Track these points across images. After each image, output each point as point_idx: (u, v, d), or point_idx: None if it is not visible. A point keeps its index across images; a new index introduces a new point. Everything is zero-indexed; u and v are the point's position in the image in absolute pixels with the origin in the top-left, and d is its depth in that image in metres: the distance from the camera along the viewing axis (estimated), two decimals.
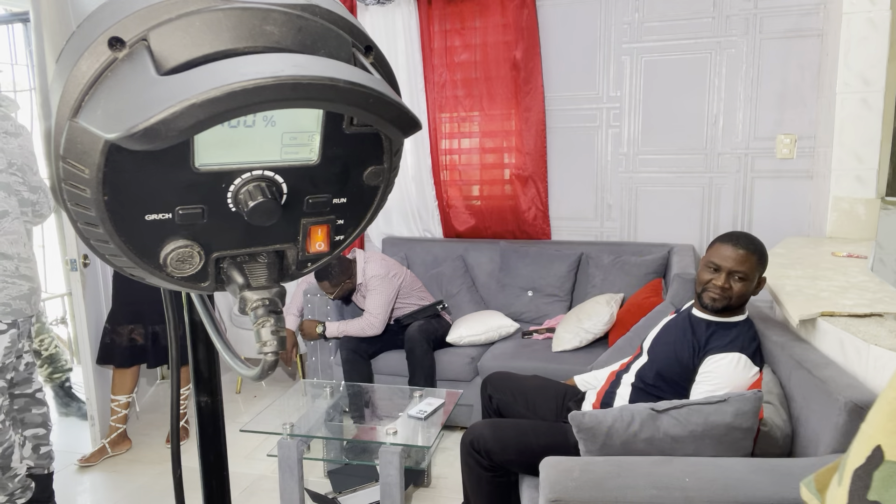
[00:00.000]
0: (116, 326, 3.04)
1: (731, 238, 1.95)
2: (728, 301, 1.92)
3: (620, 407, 1.71)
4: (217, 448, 0.76)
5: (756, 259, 1.91)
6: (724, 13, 3.37)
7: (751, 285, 1.92)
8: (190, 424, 3.25)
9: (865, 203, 2.89)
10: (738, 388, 1.84)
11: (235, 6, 0.44)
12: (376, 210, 0.56)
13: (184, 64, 0.42)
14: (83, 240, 0.47)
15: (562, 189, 3.80)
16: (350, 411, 2.79)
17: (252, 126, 0.46)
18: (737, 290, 1.90)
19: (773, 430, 1.69)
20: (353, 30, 0.49)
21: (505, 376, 2.40)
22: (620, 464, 1.53)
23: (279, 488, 2.33)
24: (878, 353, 1.55)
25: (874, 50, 2.79)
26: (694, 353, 1.94)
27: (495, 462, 1.97)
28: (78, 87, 0.42)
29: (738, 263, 1.90)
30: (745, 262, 1.89)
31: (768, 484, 1.41)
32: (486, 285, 3.76)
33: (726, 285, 1.91)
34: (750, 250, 1.91)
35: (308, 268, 0.57)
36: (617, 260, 3.44)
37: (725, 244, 1.94)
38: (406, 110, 0.46)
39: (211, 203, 0.48)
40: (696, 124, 3.51)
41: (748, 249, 1.90)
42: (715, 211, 3.54)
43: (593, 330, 3.10)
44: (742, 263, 1.90)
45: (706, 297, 1.95)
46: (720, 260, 1.92)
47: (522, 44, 3.63)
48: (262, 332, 0.51)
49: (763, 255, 1.93)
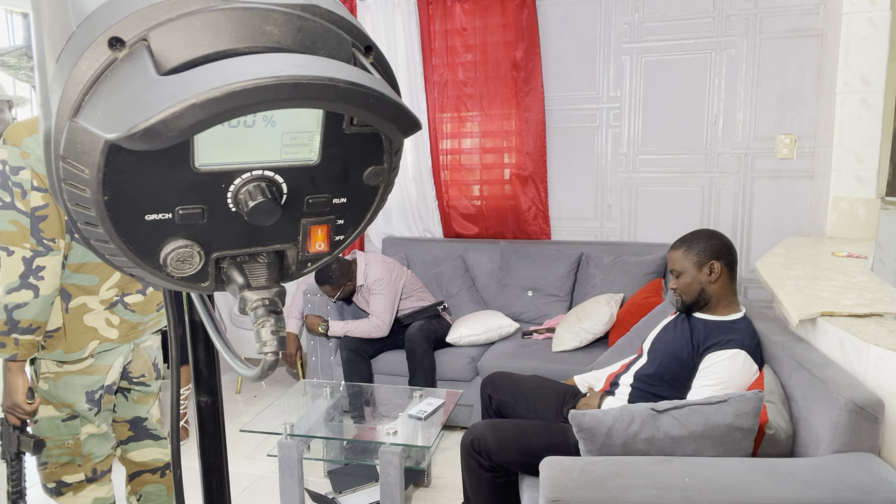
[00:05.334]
0: None
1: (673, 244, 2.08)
2: (684, 298, 2.01)
3: (620, 407, 1.71)
4: (217, 448, 0.76)
5: (682, 252, 2.00)
6: (724, 13, 3.37)
7: (693, 277, 1.98)
8: (190, 424, 3.25)
9: (865, 203, 2.89)
10: (738, 386, 1.85)
11: (235, 6, 0.44)
12: (376, 210, 0.56)
13: (184, 64, 0.42)
14: (83, 240, 0.47)
15: (562, 189, 3.80)
16: (350, 411, 2.79)
17: (252, 126, 0.46)
18: (680, 287, 2.01)
19: (777, 433, 1.69)
20: (353, 30, 0.49)
21: (505, 376, 2.40)
22: (620, 464, 1.53)
23: (279, 488, 2.33)
24: (878, 353, 1.55)
25: (874, 50, 2.79)
26: (694, 351, 1.94)
27: (495, 462, 1.97)
28: (78, 87, 0.42)
29: (671, 263, 2.05)
30: (673, 261, 2.03)
31: (768, 484, 1.41)
32: (486, 285, 3.76)
33: (674, 286, 2.03)
34: (675, 247, 2.03)
35: (308, 268, 0.57)
36: (617, 260, 3.44)
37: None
38: (406, 110, 0.46)
39: (211, 203, 0.48)
40: (696, 124, 3.51)
41: (674, 247, 2.03)
42: (715, 211, 3.54)
43: (593, 330, 3.10)
44: (673, 262, 2.03)
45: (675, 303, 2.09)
46: (668, 266, 2.07)
47: (522, 44, 3.63)
48: (262, 332, 0.51)
49: (691, 244, 2.00)
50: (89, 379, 1.80)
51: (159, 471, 2.04)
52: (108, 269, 1.77)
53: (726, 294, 2.00)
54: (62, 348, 1.75)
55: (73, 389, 1.78)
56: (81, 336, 1.75)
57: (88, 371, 1.79)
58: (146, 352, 1.98)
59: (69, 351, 1.75)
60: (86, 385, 1.79)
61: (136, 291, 1.86)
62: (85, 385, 1.79)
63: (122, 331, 1.82)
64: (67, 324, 1.74)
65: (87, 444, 1.83)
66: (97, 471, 1.86)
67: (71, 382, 1.77)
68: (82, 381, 1.79)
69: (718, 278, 1.97)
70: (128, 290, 1.83)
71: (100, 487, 1.87)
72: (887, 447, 1.53)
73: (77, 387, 1.78)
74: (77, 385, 1.78)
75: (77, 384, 1.78)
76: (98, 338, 1.78)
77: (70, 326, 1.74)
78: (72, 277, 1.73)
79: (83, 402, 1.79)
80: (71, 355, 1.75)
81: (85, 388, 1.79)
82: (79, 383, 1.78)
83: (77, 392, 1.78)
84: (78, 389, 1.78)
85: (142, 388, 1.99)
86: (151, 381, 2.00)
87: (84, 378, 1.79)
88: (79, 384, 1.78)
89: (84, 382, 1.79)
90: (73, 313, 1.75)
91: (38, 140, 1.54)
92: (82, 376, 1.79)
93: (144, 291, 1.88)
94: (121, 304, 1.82)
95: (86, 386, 1.79)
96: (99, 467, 1.87)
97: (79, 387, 1.78)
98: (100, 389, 1.82)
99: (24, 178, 1.61)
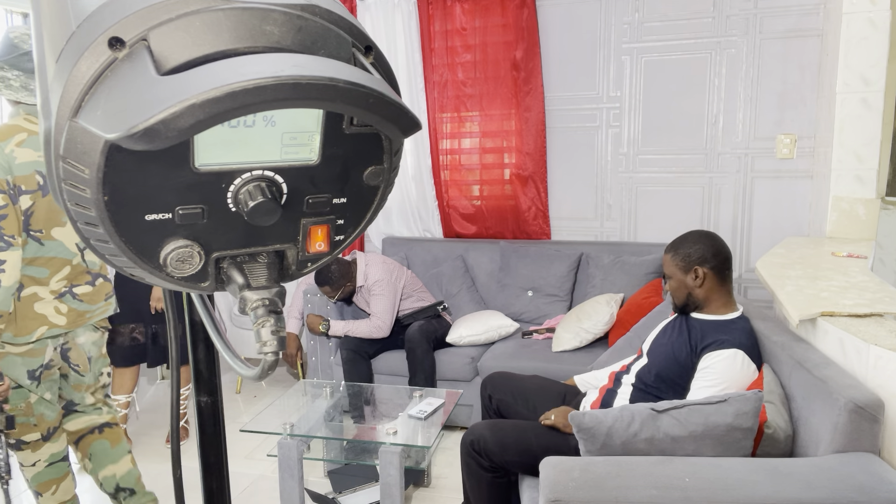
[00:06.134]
0: (117, 326, 3.04)
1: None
2: (675, 301, 2.07)
3: (620, 407, 1.71)
4: (217, 448, 0.76)
5: (670, 257, 2.05)
6: (724, 13, 3.37)
7: (680, 281, 2.03)
8: (190, 424, 3.25)
9: (865, 203, 2.89)
10: (737, 385, 1.85)
11: (235, 6, 0.44)
12: (376, 210, 0.56)
13: (184, 64, 0.42)
14: (83, 240, 0.47)
15: (562, 189, 3.80)
16: (350, 411, 2.79)
17: (252, 126, 0.46)
18: (670, 290, 2.07)
19: (776, 433, 1.69)
20: (353, 30, 0.49)
21: (505, 376, 2.40)
22: (620, 464, 1.53)
23: (279, 488, 2.33)
24: (878, 353, 1.55)
25: (874, 50, 2.79)
26: (691, 351, 1.94)
27: (495, 462, 1.97)
28: (78, 87, 0.42)
29: (663, 267, 2.11)
30: (664, 264, 2.09)
31: (768, 484, 1.41)
32: (486, 285, 3.76)
33: (667, 288, 2.09)
34: (666, 251, 2.08)
35: (308, 268, 0.57)
36: (617, 260, 3.44)
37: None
38: (406, 110, 0.46)
39: (211, 203, 0.48)
40: (696, 124, 3.51)
41: (665, 251, 2.09)
42: (715, 211, 3.54)
43: (593, 330, 3.10)
44: (664, 266, 2.10)
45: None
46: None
47: (522, 44, 3.63)
48: (262, 332, 0.51)
49: (678, 249, 2.04)
50: (31, 360, 2.04)
51: (96, 429, 2.28)
52: (59, 263, 2.03)
53: (717, 296, 2.00)
54: (11, 331, 1.98)
55: (15, 367, 2.01)
56: (31, 322, 1.99)
57: (30, 354, 2.03)
58: (80, 347, 2.18)
59: (18, 335, 1.98)
60: (27, 364, 2.03)
61: (85, 283, 2.10)
62: (26, 364, 2.03)
63: (69, 318, 2.06)
64: (18, 310, 1.97)
65: (38, 407, 2.09)
66: (50, 429, 2.14)
67: (14, 362, 2.01)
68: (24, 361, 2.03)
69: (703, 283, 1.99)
70: (77, 282, 2.07)
71: (53, 444, 2.15)
72: (887, 447, 1.53)
73: (19, 365, 2.02)
74: (19, 364, 2.02)
75: (19, 363, 2.02)
76: (47, 324, 2.01)
77: (21, 313, 1.98)
78: (25, 269, 1.96)
79: (25, 378, 2.04)
80: (19, 339, 1.99)
81: (26, 366, 2.03)
82: (20, 363, 2.02)
83: (19, 369, 2.02)
84: (20, 367, 2.02)
85: (76, 377, 2.21)
86: (86, 372, 2.22)
87: (26, 359, 2.03)
88: (20, 363, 2.02)
89: (26, 362, 2.03)
90: (25, 301, 1.98)
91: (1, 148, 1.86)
92: (24, 357, 2.02)
93: (93, 283, 2.12)
94: (69, 294, 2.06)
95: (27, 365, 2.03)
96: (51, 426, 2.15)
97: (20, 365, 2.02)
98: (39, 367, 2.06)
99: None
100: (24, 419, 2.08)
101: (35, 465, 2.13)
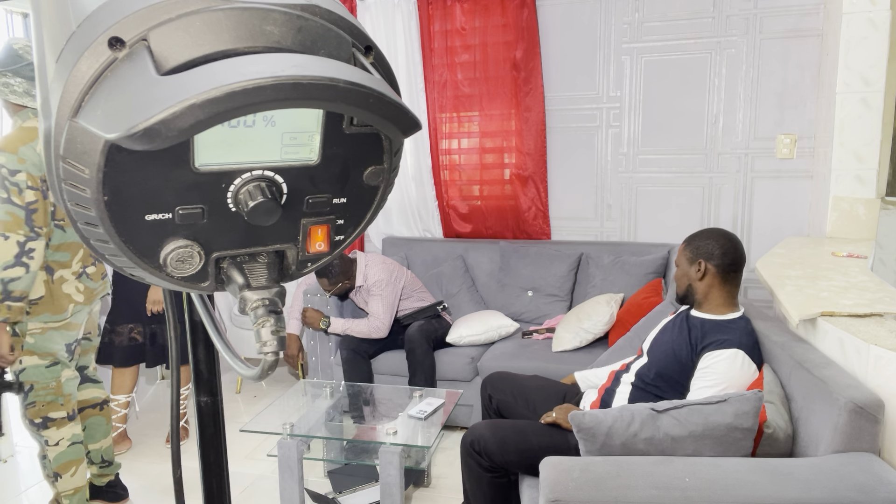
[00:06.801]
0: (116, 326, 3.04)
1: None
2: (676, 290, 2.10)
3: (620, 407, 1.71)
4: (217, 448, 0.76)
5: (683, 245, 2.10)
6: (724, 13, 3.37)
7: (684, 271, 2.07)
8: (190, 424, 3.25)
9: (865, 203, 2.89)
10: (738, 386, 1.85)
11: (235, 6, 0.44)
12: (376, 210, 0.56)
13: (184, 64, 0.42)
14: (83, 240, 0.47)
15: (562, 189, 3.80)
16: (350, 411, 2.79)
17: (252, 126, 0.46)
18: (675, 278, 2.13)
19: (776, 433, 1.69)
20: (353, 30, 0.49)
21: (505, 376, 2.40)
22: (620, 464, 1.53)
23: (279, 488, 2.33)
24: (878, 353, 1.55)
25: (874, 50, 2.79)
26: (692, 350, 1.94)
27: (495, 462, 1.97)
28: (78, 87, 0.42)
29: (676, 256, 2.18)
30: (677, 252, 2.12)
31: (768, 484, 1.41)
32: (486, 285, 3.76)
33: (674, 277, 2.13)
34: (684, 240, 2.11)
35: (308, 268, 0.57)
36: (617, 260, 3.44)
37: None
38: (406, 110, 0.46)
39: (211, 203, 0.48)
40: (696, 124, 3.51)
41: (682, 241, 2.13)
42: (715, 211, 3.55)
43: (593, 330, 3.10)
44: (677, 254, 2.13)
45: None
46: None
47: (522, 44, 3.63)
48: (262, 332, 0.51)
49: (692, 240, 2.07)
50: (68, 333, 2.31)
51: (98, 405, 2.57)
52: (77, 245, 2.30)
53: (717, 294, 2.00)
54: (49, 311, 2.24)
55: (55, 342, 2.28)
56: (63, 301, 2.27)
57: (67, 327, 2.30)
58: (95, 314, 2.52)
59: (56, 313, 2.25)
60: (65, 338, 2.30)
61: (93, 263, 2.38)
62: (64, 338, 2.30)
63: (86, 295, 2.35)
64: (53, 292, 2.24)
65: (67, 386, 2.33)
66: (75, 409, 2.38)
67: (53, 337, 2.27)
68: (62, 335, 2.29)
69: (703, 277, 2.00)
70: (87, 262, 2.35)
71: (75, 426, 2.37)
72: (887, 447, 1.53)
73: (58, 339, 2.28)
74: (58, 338, 2.28)
75: (58, 338, 2.28)
76: (73, 301, 2.29)
77: (56, 294, 2.25)
78: (53, 255, 2.22)
79: (63, 351, 2.31)
80: (57, 317, 2.25)
81: (64, 340, 2.30)
82: (59, 337, 2.29)
83: (58, 343, 2.29)
84: (59, 341, 2.29)
85: (86, 343, 2.52)
86: (94, 336, 2.56)
87: (63, 333, 2.29)
88: (59, 338, 2.29)
89: (63, 336, 2.30)
90: (57, 284, 2.25)
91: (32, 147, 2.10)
92: (62, 332, 2.29)
93: (95, 263, 2.40)
94: (84, 274, 2.34)
95: (64, 338, 2.30)
96: (76, 407, 2.41)
97: (59, 339, 2.29)
98: (75, 342, 2.35)
99: (21, 179, 2.06)
100: (53, 398, 2.29)
101: (59, 443, 2.31)
